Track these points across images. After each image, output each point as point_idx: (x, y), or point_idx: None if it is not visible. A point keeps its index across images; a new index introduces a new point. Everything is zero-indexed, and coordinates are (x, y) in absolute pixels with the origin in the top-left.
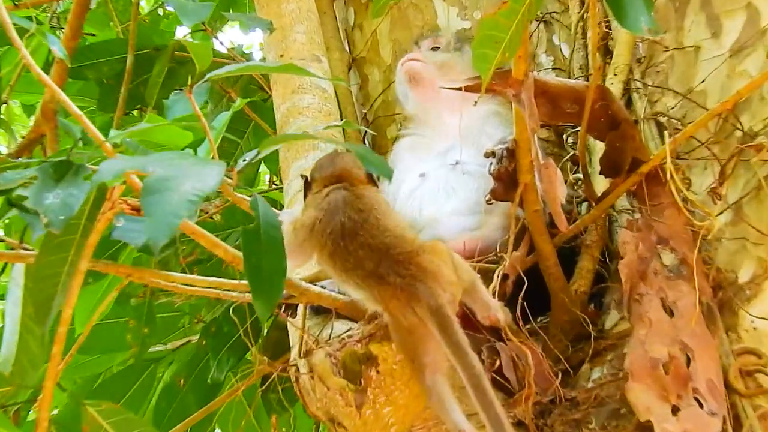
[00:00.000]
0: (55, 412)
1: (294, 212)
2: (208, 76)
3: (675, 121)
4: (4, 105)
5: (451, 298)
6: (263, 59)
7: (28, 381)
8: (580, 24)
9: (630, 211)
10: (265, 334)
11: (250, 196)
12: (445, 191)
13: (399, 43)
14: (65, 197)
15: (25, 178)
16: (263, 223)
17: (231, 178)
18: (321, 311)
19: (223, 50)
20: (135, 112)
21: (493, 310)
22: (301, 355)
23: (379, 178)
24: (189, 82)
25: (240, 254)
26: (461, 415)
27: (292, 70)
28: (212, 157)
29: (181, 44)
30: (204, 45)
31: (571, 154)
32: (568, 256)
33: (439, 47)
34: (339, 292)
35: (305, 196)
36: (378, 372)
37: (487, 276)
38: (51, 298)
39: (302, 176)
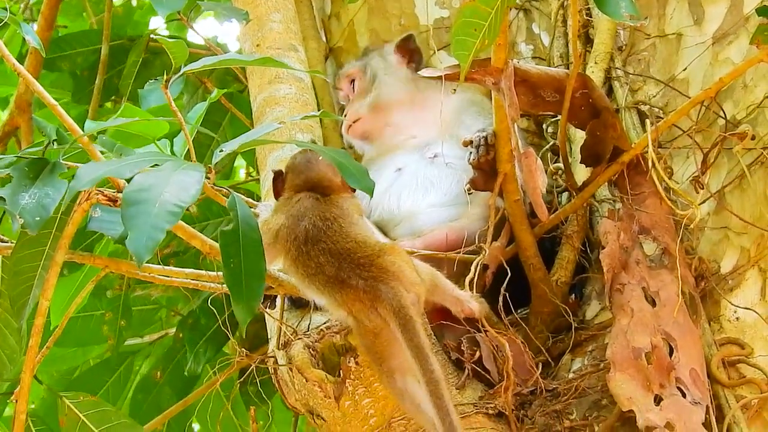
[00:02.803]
0: (32, 405)
1: (271, 205)
2: (183, 69)
3: (657, 110)
4: None
5: (416, 299)
6: (240, 49)
7: (5, 374)
8: (560, 12)
9: (611, 201)
10: None
11: (227, 196)
12: (422, 185)
13: (376, 32)
14: (41, 197)
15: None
16: (242, 224)
17: (209, 178)
18: (299, 303)
19: (199, 40)
20: (109, 104)
21: (465, 301)
22: (280, 346)
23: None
24: (164, 73)
25: (217, 245)
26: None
27: (269, 63)
28: (188, 151)
29: (155, 34)
30: (179, 42)
31: (552, 143)
32: (548, 247)
33: (354, 79)
34: None
35: (275, 193)
36: (357, 363)
37: (468, 267)
38: (27, 291)
39: (274, 172)
